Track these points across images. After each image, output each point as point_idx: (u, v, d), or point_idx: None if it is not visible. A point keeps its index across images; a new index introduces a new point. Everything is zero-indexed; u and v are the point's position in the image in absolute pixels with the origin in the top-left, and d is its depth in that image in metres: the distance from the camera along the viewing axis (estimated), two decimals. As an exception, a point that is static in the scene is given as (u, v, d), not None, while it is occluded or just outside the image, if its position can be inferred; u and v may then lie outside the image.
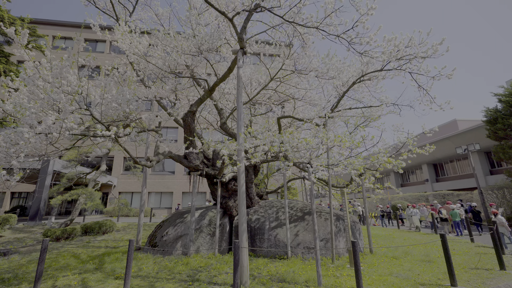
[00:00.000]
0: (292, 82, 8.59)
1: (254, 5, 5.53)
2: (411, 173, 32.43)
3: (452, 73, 5.32)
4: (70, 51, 5.12)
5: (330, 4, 4.77)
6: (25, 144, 4.84)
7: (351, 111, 8.45)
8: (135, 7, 9.22)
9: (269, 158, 6.13)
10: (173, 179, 24.25)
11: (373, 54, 5.37)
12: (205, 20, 8.02)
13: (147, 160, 7.31)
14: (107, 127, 5.71)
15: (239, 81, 6.05)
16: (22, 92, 5.35)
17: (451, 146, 22.10)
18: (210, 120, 11.51)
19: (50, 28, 25.94)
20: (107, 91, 6.19)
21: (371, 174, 6.50)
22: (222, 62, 10.50)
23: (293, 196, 17.01)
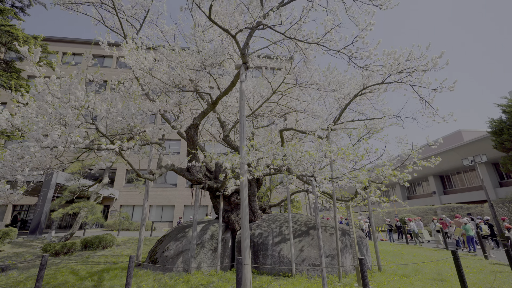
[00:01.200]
0: (294, 95, 8.68)
1: (256, 23, 5.69)
2: (417, 185, 31.91)
3: (454, 85, 5.35)
4: (79, 67, 5.28)
5: (330, 21, 4.89)
6: (30, 158, 4.91)
7: (354, 123, 8.46)
8: (142, 25, 9.56)
9: (272, 171, 6.11)
10: (175, 192, 24.17)
11: (374, 68, 5.45)
12: (209, 37, 8.26)
13: (150, 173, 7.33)
14: (112, 141, 5.78)
15: (241, 95, 6.14)
16: (31, 107, 5.48)
17: (457, 157, 21.84)
18: (213, 132, 11.59)
19: (61, 45, 26.85)
20: (113, 106, 6.31)
21: (376, 187, 6.41)
22: (225, 76, 10.71)
23: (296, 209, 16.78)
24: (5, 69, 13.25)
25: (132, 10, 9.33)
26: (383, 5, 5.44)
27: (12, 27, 12.05)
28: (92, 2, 8.93)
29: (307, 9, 5.32)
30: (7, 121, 5.29)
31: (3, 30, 11.90)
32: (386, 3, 5.37)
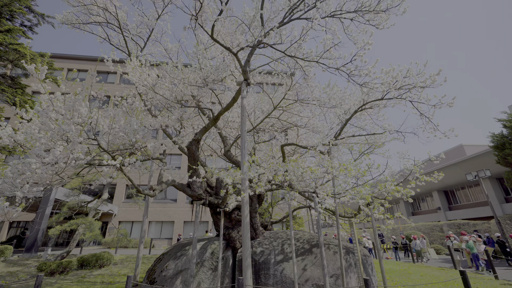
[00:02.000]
0: (295, 110, 8.76)
1: (257, 42, 5.85)
2: (421, 200, 31.43)
3: (453, 101, 5.38)
4: (83, 84, 5.38)
5: (329, 40, 5.02)
6: (31, 174, 4.89)
7: (355, 138, 8.47)
8: (146, 43, 9.83)
9: (273, 187, 6.05)
10: (175, 208, 23.86)
11: (373, 85, 5.53)
12: (211, 54, 8.48)
13: (150, 189, 7.28)
14: (113, 157, 5.78)
15: (243, 111, 6.20)
16: (34, 123, 5.53)
17: (460, 172, 21.65)
18: (214, 147, 11.61)
19: (66, 62, 27.54)
20: (116, 121, 6.37)
21: (379, 203, 6.32)
22: (226, 92, 10.87)
23: (299, 226, 16.47)
24: (11, 85, 13.52)
25: (137, 29, 9.63)
26: (379, 24, 5.61)
27: (20, 45, 12.42)
28: (98, 22, 9.25)
29: (307, 29, 5.47)
30: (10, 137, 5.33)
31: (11, 48, 12.26)
32: (383, 23, 5.53)
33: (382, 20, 5.51)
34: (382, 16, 5.50)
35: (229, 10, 6.60)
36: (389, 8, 5.35)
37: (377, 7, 5.44)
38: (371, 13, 5.55)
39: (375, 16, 5.58)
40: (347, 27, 5.72)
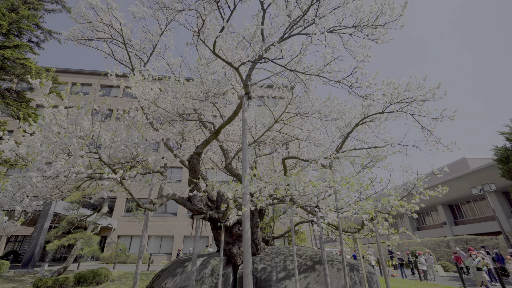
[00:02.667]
0: (296, 123, 8.78)
1: (258, 56, 5.94)
2: (426, 214, 30.83)
3: (454, 114, 5.38)
4: (86, 99, 5.44)
5: (329, 54, 5.10)
6: (31, 188, 4.86)
7: (357, 151, 8.42)
8: (149, 58, 10.03)
9: (275, 202, 5.96)
10: (175, 222, 23.52)
11: (374, 97, 5.55)
12: (212, 69, 8.62)
13: (150, 203, 7.19)
14: (114, 170, 5.76)
15: (244, 124, 6.21)
16: (36, 136, 5.56)
17: (464, 185, 21.34)
18: (215, 160, 11.57)
19: (71, 76, 28.10)
20: (117, 135, 6.39)
21: (383, 218, 6.18)
22: (228, 105, 10.96)
23: (301, 241, 16.10)
24: (16, 99, 13.74)
25: (140, 45, 9.85)
26: (378, 39, 5.70)
27: (26, 60, 12.72)
28: (103, 38, 9.49)
29: (306, 43, 5.57)
30: (12, 150, 5.35)
31: (18, 63, 12.54)
32: (381, 37, 5.63)
33: (380, 35, 5.61)
34: (380, 31, 5.60)
35: (230, 27, 6.76)
36: (387, 23, 5.45)
37: (375, 22, 5.54)
38: (370, 28, 5.66)
39: (374, 30, 5.68)
40: (346, 42, 5.82)
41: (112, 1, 8.77)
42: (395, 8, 5.01)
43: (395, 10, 5.03)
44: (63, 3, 16.97)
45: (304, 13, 5.95)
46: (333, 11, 5.80)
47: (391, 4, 4.99)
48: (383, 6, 5.08)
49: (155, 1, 7.32)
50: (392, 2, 4.99)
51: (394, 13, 5.05)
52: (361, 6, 5.41)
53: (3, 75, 12.95)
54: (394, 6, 4.99)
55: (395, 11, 5.03)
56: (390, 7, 5.03)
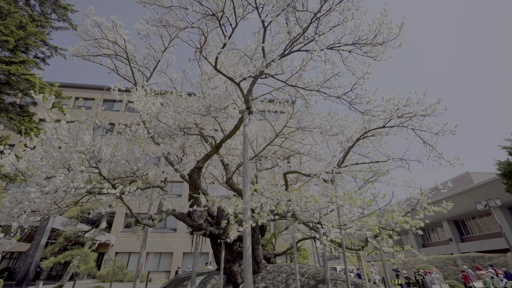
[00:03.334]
0: (297, 138, 8.78)
1: (259, 72, 6.03)
2: (431, 231, 30.14)
3: (455, 129, 5.37)
4: (88, 114, 5.47)
5: (329, 70, 5.17)
6: (29, 203, 4.79)
7: (359, 166, 8.36)
8: (152, 73, 10.20)
9: (276, 218, 5.85)
10: (174, 238, 23.04)
11: (374, 113, 5.57)
12: (214, 84, 8.74)
13: (150, 218, 7.07)
14: (113, 185, 5.70)
15: (245, 139, 6.20)
16: (37, 151, 5.55)
17: (469, 200, 21.00)
18: (216, 174, 11.48)
19: (74, 91, 28.52)
20: (118, 149, 6.38)
21: (387, 234, 6.03)
22: (229, 119, 11.03)
23: (304, 258, 15.68)
24: (19, 113, 13.88)
25: (144, 61, 10.05)
26: (377, 56, 5.80)
27: (31, 76, 12.96)
28: (107, 54, 9.70)
29: (307, 60, 5.66)
30: (12, 165, 5.32)
31: (23, 78, 12.77)
32: (380, 55, 5.73)
33: (379, 52, 5.71)
34: (379, 49, 5.70)
35: (232, 44, 6.91)
36: (385, 41, 5.56)
37: (373, 40, 5.66)
38: (368, 45, 5.77)
39: (372, 48, 5.79)
40: (346, 58, 5.92)
41: (117, 19, 9.01)
42: (392, 28, 5.13)
43: (392, 29, 5.14)
44: (69, 21, 17.52)
45: (304, 30, 6.10)
46: (332, 29, 5.94)
47: (389, 24, 5.12)
48: (380, 26, 5.20)
49: (159, 20, 7.53)
50: (389, 22, 5.12)
51: (391, 32, 5.16)
52: (359, 25, 5.54)
53: (8, 90, 13.17)
54: (391, 26, 5.11)
55: (393, 30, 5.15)
56: (388, 27, 5.15)
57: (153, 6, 6.65)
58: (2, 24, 12.34)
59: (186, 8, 6.56)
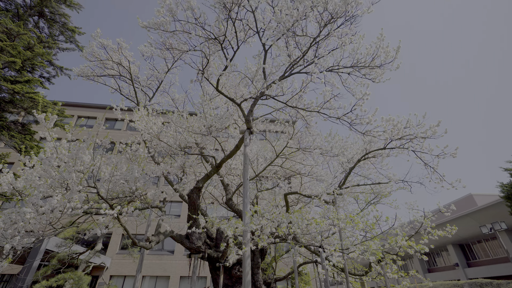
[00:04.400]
0: (298, 158, 8.75)
1: (260, 93, 6.14)
2: (436, 255, 29.17)
3: (456, 152, 5.36)
4: (90, 133, 5.49)
5: (328, 91, 5.26)
6: (24, 224, 4.68)
7: (360, 187, 8.26)
8: (154, 93, 10.37)
9: (277, 241, 5.69)
10: (172, 260, 22.27)
11: (375, 134, 5.60)
12: (215, 104, 8.86)
13: (147, 240, 6.89)
14: (111, 206, 5.60)
15: (245, 159, 6.18)
16: (36, 170, 5.50)
17: (473, 224, 20.52)
18: (216, 195, 11.32)
19: (77, 109, 28.88)
20: (118, 169, 6.33)
21: (391, 259, 5.82)
22: (230, 139, 11.06)
23: (305, 284, 15.04)
24: (21, 131, 13.96)
25: (147, 81, 10.25)
26: (375, 78, 5.93)
27: (35, 94, 13.19)
28: (112, 74, 9.93)
29: (306, 82, 5.79)
30: (10, 184, 5.26)
31: (26, 97, 12.99)
32: (378, 77, 5.85)
33: (377, 75, 5.84)
34: (377, 71, 5.84)
35: (233, 66, 7.10)
36: (383, 64, 5.71)
37: (371, 63, 5.81)
38: (367, 68, 5.92)
39: (371, 71, 5.93)
40: (345, 80, 6.05)
41: (123, 41, 9.31)
42: (389, 51, 5.29)
43: (389, 53, 5.30)
44: (76, 42, 18.15)
45: (304, 53, 6.28)
46: (331, 52, 6.12)
47: (385, 47, 5.28)
48: (378, 49, 5.36)
49: (163, 43, 7.79)
50: (386, 46, 5.29)
51: (388, 55, 5.31)
52: (357, 49, 5.72)
53: (11, 108, 13.34)
54: (388, 49, 5.28)
55: (389, 54, 5.30)
56: (385, 50, 5.31)
57: (158, 30, 6.90)
58: (10, 45, 12.76)
59: (189, 33, 6.78)
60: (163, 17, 6.22)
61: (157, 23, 6.30)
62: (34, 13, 16.81)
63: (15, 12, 15.98)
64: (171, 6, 5.83)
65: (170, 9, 5.89)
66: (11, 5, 16.18)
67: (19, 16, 15.97)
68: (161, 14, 6.12)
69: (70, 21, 17.69)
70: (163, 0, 5.88)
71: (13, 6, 16.13)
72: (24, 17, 16.09)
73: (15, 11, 16.01)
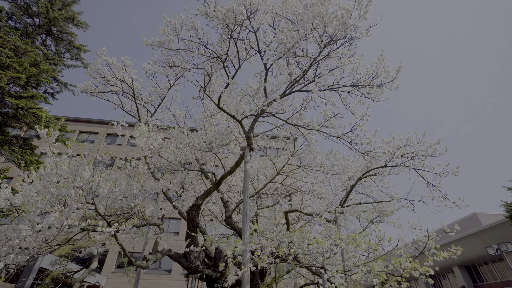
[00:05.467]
0: (298, 175, 8.69)
1: (261, 110, 6.20)
2: (442, 277, 28.20)
3: (458, 170, 5.33)
4: (90, 149, 5.50)
5: (328, 110, 5.32)
6: (19, 242, 4.58)
7: (362, 205, 8.15)
8: (156, 110, 10.48)
9: (277, 261, 5.54)
10: (169, 280, 21.56)
11: (375, 154, 5.59)
12: (216, 120, 8.92)
13: (144, 259, 6.71)
14: (108, 223, 5.50)
15: (246, 176, 6.14)
16: (34, 185, 5.46)
17: (479, 244, 20.00)
18: (215, 212, 11.14)
19: (79, 124, 29.07)
20: (117, 185, 6.28)
21: (395, 281, 5.63)
22: (230, 155, 11.04)
23: (306, 305, 14.45)
24: (22, 146, 13.99)
25: (149, 97, 10.39)
26: (375, 97, 6.01)
27: (39, 110, 13.34)
28: (115, 91, 10.09)
29: (307, 100, 5.87)
30: (7, 199, 5.20)
31: (30, 112, 13.13)
32: (378, 96, 5.94)
33: (377, 94, 5.92)
34: (377, 91, 5.93)
35: (234, 83, 7.22)
36: (383, 84, 5.80)
37: (371, 82, 5.91)
38: (366, 87, 6.01)
39: (370, 90, 6.02)
40: (345, 99, 6.13)
41: (127, 59, 9.53)
42: (390, 71, 5.39)
43: (389, 73, 5.39)
44: (81, 59, 18.61)
45: (304, 72, 6.41)
46: (331, 71, 6.25)
47: (386, 67, 5.38)
48: (378, 69, 5.47)
49: (166, 61, 7.98)
50: (387, 66, 5.39)
51: (388, 75, 5.40)
52: (357, 68, 5.84)
53: (14, 123, 13.45)
54: (389, 69, 5.37)
55: (390, 73, 5.39)
56: (385, 70, 5.41)
57: (161, 48, 7.07)
58: (17, 62, 13.07)
59: (192, 51, 6.95)
60: (167, 36, 6.40)
61: (161, 41, 6.48)
62: (42, 32, 17.36)
63: (24, 31, 16.51)
64: (175, 25, 6.02)
65: (175, 29, 6.07)
66: (20, 24, 16.75)
67: (28, 34, 16.48)
68: (165, 33, 6.29)
69: (76, 39, 18.24)
70: (169, 20, 6.07)
71: (22, 24, 16.69)
72: (32, 35, 16.60)
73: (24, 30, 16.55)
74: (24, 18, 16.77)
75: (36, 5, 16.67)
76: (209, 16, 5.94)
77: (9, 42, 13.75)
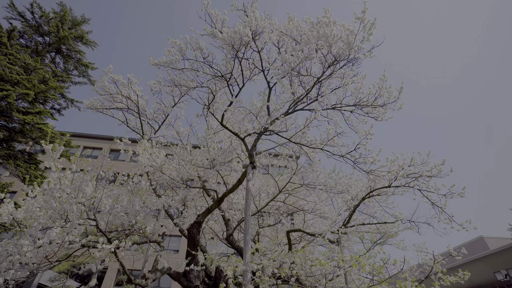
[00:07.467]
0: (301, 194, 8.61)
1: (264, 128, 6.28)
2: (449, 302, 26.90)
3: (463, 191, 5.28)
4: (94, 164, 5.54)
5: (332, 129, 5.37)
6: (19, 257, 4.53)
7: (365, 226, 7.99)
8: (160, 126, 10.61)
9: (279, 283, 5.39)
10: (167, 300, 20.84)
11: (379, 173, 5.57)
12: (219, 138, 9.00)
13: (143, 277, 6.56)
14: (109, 239, 5.44)
15: (248, 194, 6.11)
16: (37, 200, 5.47)
17: (487, 269, 19.25)
18: (216, 230, 10.96)
19: (83, 140, 29.38)
20: (119, 201, 6.27)
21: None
22: (232, 173, 11.01)
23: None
24: (27, 160, 14.11)
25: (153, 114, 10.54)
26: (378, 117, 6.07)
27: (45, 125, 13.57)
28: (120, 108, 10.28)
29: (310, 119, 5.94)
30: (10, 214, 5.20)
31: (36, 128, 13.35)
32: (381, 116, 6.00)
33: (380, 113, 5.98)
34: (379, 110, 6.00)
35: (238, 102, 7.36)
36: (386, 104, 5.87)
37: (374, 102, 5.99)
38: (369, 107, 6.09)
39: (373, 109, 6.10)
40: (348, 118, 6.20)
41: (133, 76, 9.78)
42: (392, 92, 5.47)
43: (392, 93, 5.48)
44: (89, 76, 19.14)
45: (307, 92, 6.53)
46: (334, 91, 6.36)
47: (388, 88, 5.48)
48: (380, 89, 5.56)
49: (171, 80, 8.19)
50: (389, 86, 5.49)
51: (391, 96, 5.49)
52: (360, 88, 5.95)
53: (20, 137, 13.65)
54: (391, 90, 5.47)
55: (392, 94, 5.48)
56: (388, 91, 5.50)
57: (167, 68, 7.28)
58: (26, 79, 13.48)
59: (197, 70, 7.14)
60: (173, 56, 6.60)
61: (167, 61, 6.69)
62: (51, 50, 18.00)
63: (34, 48, 17.14)
64: (181, 46, 6.22)
65: (180, 49, 6.28)
66: (31, 42, 17.40)
67: (38, 52, 17.10)
68: (171, 53, 6.51)
69: (84, 57, 18.86)
70: (174, 41, 6.30)
71: (33, 43, 17.35)
72: (42, 53, 17.22)
73: (34, 47, 17.18)
74: (35, 37, 17.47)
75: (48, 25, 17.40)
76: (215, 36, 6.16)
77: (20, 59, 14.26)
